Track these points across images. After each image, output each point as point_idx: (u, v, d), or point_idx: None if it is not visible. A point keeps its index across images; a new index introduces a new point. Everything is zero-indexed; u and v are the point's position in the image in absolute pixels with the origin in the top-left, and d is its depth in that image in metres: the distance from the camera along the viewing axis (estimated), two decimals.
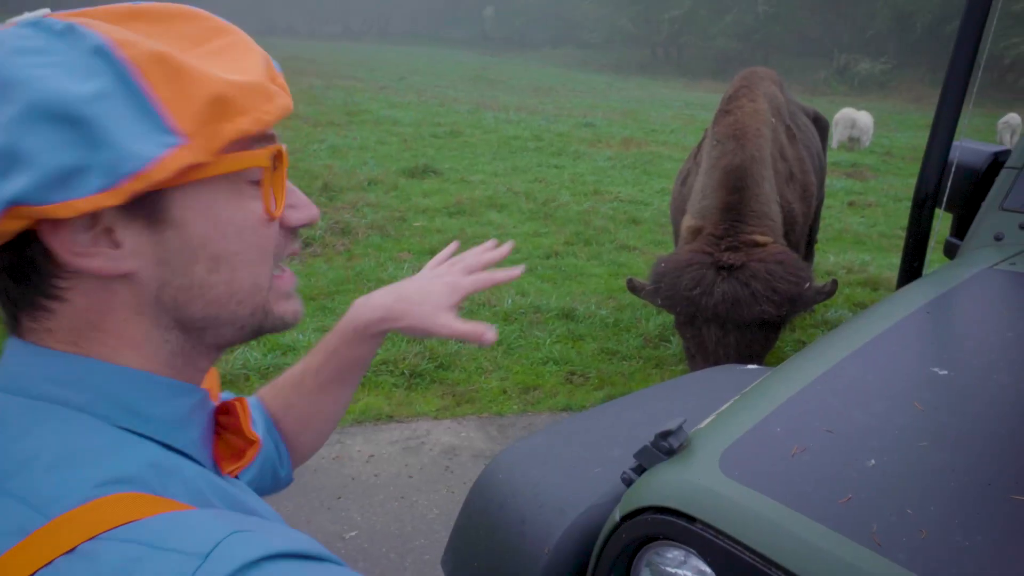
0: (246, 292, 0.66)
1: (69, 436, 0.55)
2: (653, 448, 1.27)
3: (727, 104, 4.01)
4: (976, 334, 1.52)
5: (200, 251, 0.61)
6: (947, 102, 2.17)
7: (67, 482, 0.51)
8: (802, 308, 3.29)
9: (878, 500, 1.05)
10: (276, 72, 0.67)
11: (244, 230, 0.64)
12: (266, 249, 0.66)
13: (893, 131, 18.46)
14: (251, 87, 0.62)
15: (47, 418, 0.56)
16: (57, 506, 0.49)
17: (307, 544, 0.53)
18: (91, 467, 0.53)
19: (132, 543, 0.47)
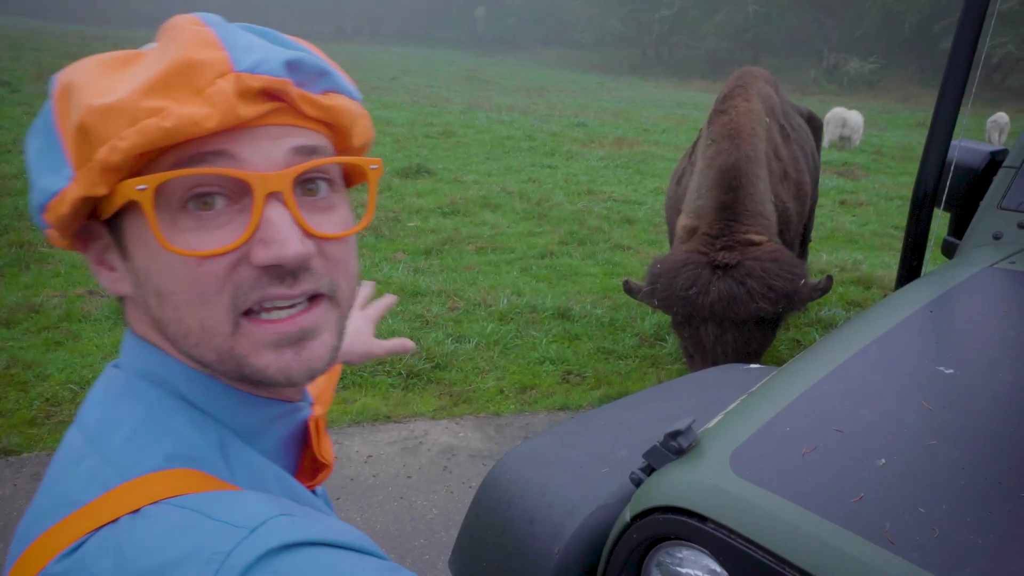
0: (196, 335, 0.61)
1: (153, 411, 0.61)
2: (662, 448, 1.27)
3: (722, 104, 4.02)
4: (979, 333, 1.53)
5: (147, 284, 0.61)
6: (945, 102, 2.18)
7: (143, 451, 0.58)
8: (798, 305, 3.31)
9: (890, 499, 1.05)
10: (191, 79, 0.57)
11: (175, 266, 0.58)
12: (206, 290, 0.59)
13: (883, 130, 18.57)
14: (108, 111, 0.56)
15: (140, 393, 0.63)
16: (132, 470, 0.56)
17: (352, 537, 0.56)
18: (165, 441, 0.59)
19: (188, 510, 0.53)
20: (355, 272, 0.68)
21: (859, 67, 35.69)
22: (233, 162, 0.59)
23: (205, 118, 0.56)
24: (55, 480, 0.59)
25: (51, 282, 5.38)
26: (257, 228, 0.59)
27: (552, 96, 23.75)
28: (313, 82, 0.63)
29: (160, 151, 0.58)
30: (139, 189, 0.56)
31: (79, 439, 0.61)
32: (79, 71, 0.60)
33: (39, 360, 4.26)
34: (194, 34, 0.58)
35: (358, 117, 0.68)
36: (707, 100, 25.71)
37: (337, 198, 0.66)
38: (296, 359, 0.62)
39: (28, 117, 11.03)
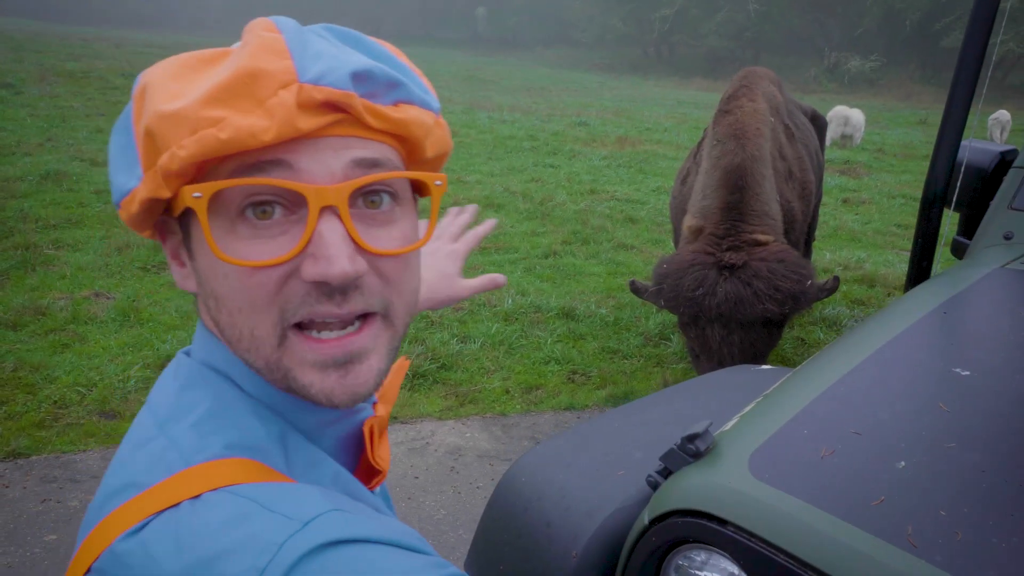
0: (247, 341, 0.61)
1: (220, 401, 0.63)
2: (680, 451, 1.28)
3: (727, 104, 4.02)
4: (994, 334, 1.53)
5: (206, 286, 0.62)
6: (955, 102, 2.18)
7: (207, 438, 0.59)
8: (804, 305, 3.30)
9: (911, 502, 1.05)
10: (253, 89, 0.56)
11: (228, 273, 0.59)
12: (256, 299, 0.59)
13: (884, 128, 18.56)
14: (171, 118, 0.56)
15: (208, 383, 0.64)
16: (195, 456, 0.58)
17: (403, 535, 0.57)
18: (229, 430, 0.60)
19: (245, 499, 0.54)
20: (412, 291, 0.66)
21: (860, 65, 35.66)
22: (291, 172, 0.58)
23: (262, 131, 0.55)
24: (124, 460, 0.61)
25: (57, 284, 5.39)
26: (309, 242, 0.58)
27: (553, 95, 23.74)
28: (383, 93, 0.61)
29: (218, 162, 0.58)
30: (194, 197, 0.57)
31: (149, 422, 0.62)
32: (158, 72, 0.60)
33: (46, 362, 4.27)
34: (263, 41, 0.57)
35: (432, 128, 0.67)
36: (708, 99, 25.69)
37: (400, 211, 0.64)
38: (340, 383, 0.61)
39: (32, 119, 11.03)
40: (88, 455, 3.52)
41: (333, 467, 0.66)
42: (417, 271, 0.67)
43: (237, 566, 0.50)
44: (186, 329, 4.80)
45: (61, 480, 3.32)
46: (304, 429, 0.66)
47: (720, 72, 39.17)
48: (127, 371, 4.23)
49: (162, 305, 5.19)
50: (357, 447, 0.71)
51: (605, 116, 17.38)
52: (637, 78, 38.16)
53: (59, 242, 6.29)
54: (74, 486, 3.28)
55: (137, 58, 22.25)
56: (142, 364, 4.31)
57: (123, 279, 5.65)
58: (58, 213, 6.99)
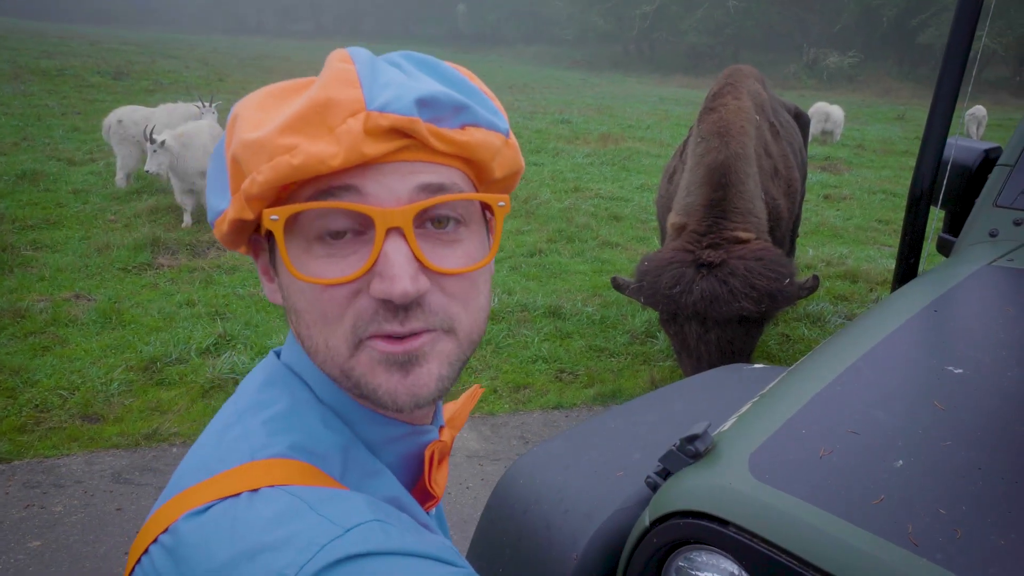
0: (323, 353, 0.65)
1: (295, 403, 0.68)
2: (679, 452, 1.28)
3: (712, 101, 4.04)
4: (984, 332, 1.54)
5: (288, 301, 0.67)
6: (941, 100, 2.20)
7: (274, 436, 0.64)
8: (784, 304, 3.32)
9: (910, 500, 1.06)
10: (324, 117, 0.60)
11: (303, 289, 0.63)
12: (329, 313, 0.63)
13: (863, 124, 18.74)
14: (252, 146, 0.61)
15: (289, 384, 0.70)
16: (261, 452, 0.63)
17: (438, 549, 0.60)
18: (295, 432, 0.65)
19: (298, 498, 0.58)
20: (479, 308, 0.68)
21: (838, 61, 35.99)
22: (359, 196, 0.61)
23: (331, 156, 0.59)
24: (204, 444, 0.67)
25: (36, 286, 5.31)
26: (376, 262, 0.61)
27: (535, 93, 23.74)
28: (449, 117, 0.64)
29: (300, 184, 0.62)
30: (272, 219, 0.61)
31: (231, 410, 0.69)
32: (248, 102, 0.65)
33: (26, 366, 4.21)
34: (337, 72, 0.61)
35: (500, 149, 0.69)
36: (689, 96, 25.80)
37: (467, 232, 0.67)
38: (402, 383, 0.64)
39: (5, 118, 10.86)
40: (71, 459, 3.47)
41: (391, 482, 0.69)
42: (484, 290, 0.70)
43: (279, 561, 0.54)
44: (169, 331, 4.74)
45: (44, 485, 3.27)
46: (369, 442, 0.70)
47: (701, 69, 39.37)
48: (110, 374, 4.18)
49: (144, 307, 5.13)
50: (417, 469, 0.74)
51: (587, 114, 17.41)
52: (618, 75, 38.25)
53: (37, 243, 6.20)
54: (58, 491, 3.24)
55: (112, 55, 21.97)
56: (125, 367, 4.26)
57: (104, 280, 5.58)
58: (35, 213, 6.88)
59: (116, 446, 3.58)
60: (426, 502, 0.74)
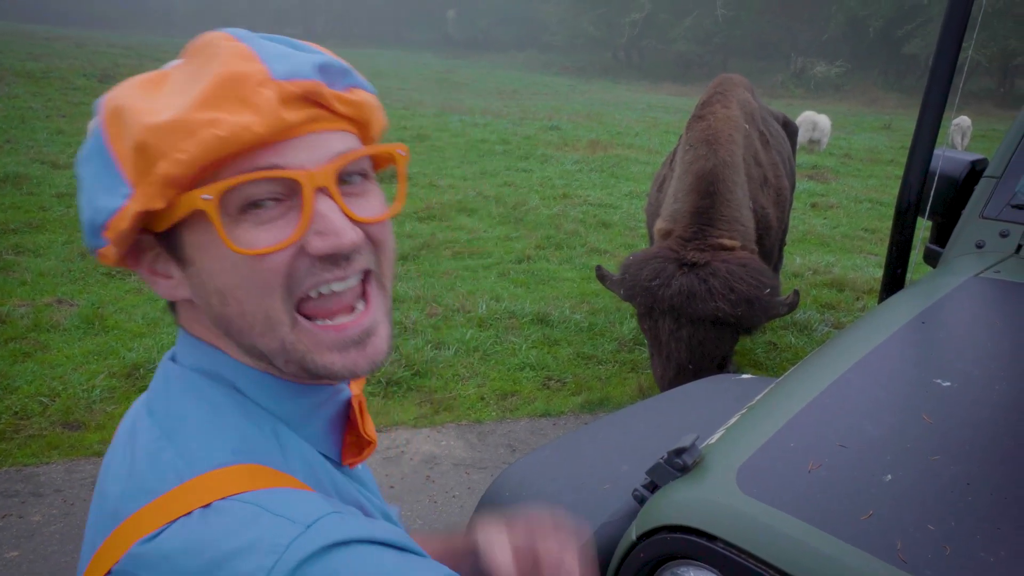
0: (262, 324, 0.66)
1: (215, 407, 0.68)
2: (667, 465, 1.26)
3: (701, 110, 4.04)
4: (972, 344, 1.54)
5: (209, 285, 0.67)
6: (928, 112, 2.21)
7: (210, 445, 0.64)
8: (760, 314, 3.30)
9: (899, 516, 1.05)
10: (237, 90, 0.62)
11: (237, 263, 0.64)
12: (267, 282, 0.65)
13: (850, 133, 18.88)
14: (166, 128, 0.61)
15: (201, 389, 0.69)
16: (202, 464, 0.62)
17: (393, 535, 0.63)
18: (229, 436, 0.66)
19: (253, 505, 0.59)
20: (393, 249, 0.75)
21: (825, 71, 36.27)
22: (282, 169, 0.65)
23: (255, 124, 0.61)
24: (135, 468, 0.65)
25: (17, 291, 5.24)
26: (311, 221, 0.64)
27: (525, 99, 23.78)
28: (339, 82, 0.69)
29: (215, 167, 0.63)
30: (204, 199, 0.62)
31: (155, 431, 0.67)
32: (124, 95, 0.65)
33: (6, 372, 4.14)
34: (232, 49, 0.64)
35: (376, 108, 0.74)
36: (678, 103, 25.92)
37: (370, 185, 0.72)
38: (361, 355, 0.69)
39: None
40: (51, 468, 3.42)
41: (319, 459, 0.72)
42: (392, 233, 0.75)
43: (247, 566, 0.55)
44: (153, 336, 4.69)
45: (23, 494, 3.22)
46: (296, 417, 0.72)
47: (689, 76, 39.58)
48: (92, 380, 4.12)
49: (128, 312, 5.07)
50: (341, 426, 0.78)
51: (577, 120, 17.45)
52: (608, 82, 38.39)
53: (19, 247, 6.12)
54: (36, 500, 3.18)
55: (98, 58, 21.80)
56: (107, 373, 4.20)
57: (87, 285, 5.51)
58: (18, 217, 6.80)
59: (97, 454, 3.53)
60: (362, 451, 0.78)
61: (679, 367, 3.37)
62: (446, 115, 16.39)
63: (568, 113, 19.23)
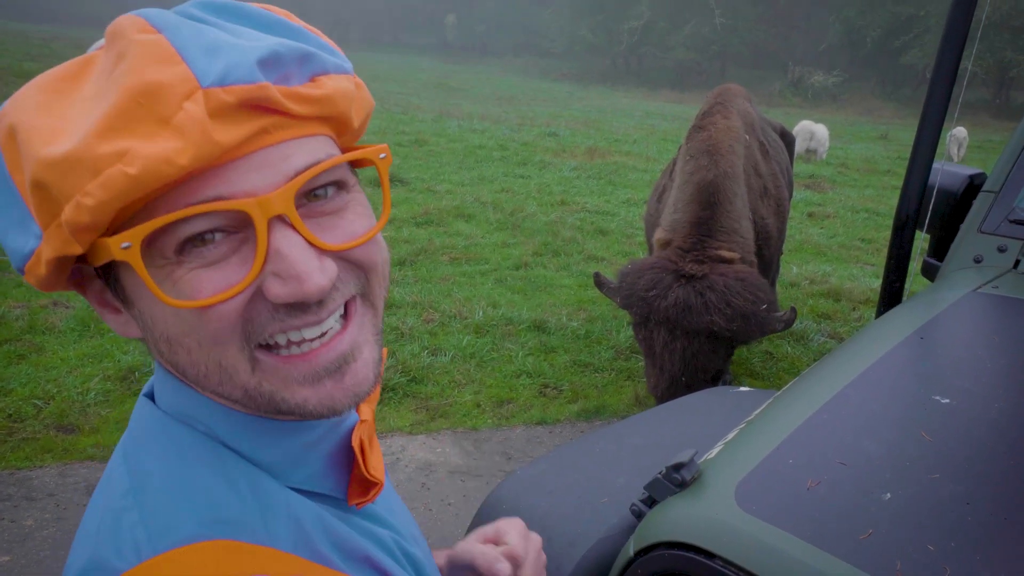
0: (216, 375, 0.55)
1: (185, 460, 0.57)
2: (665, 480, 1.26)
3: (701, 120, 4.05)
4: (970, 360, 1.54)
5: (154, 330, 0.55)
6: (927, 125, 2.21)
7: (176, 512, 0.54)
8: (756, 329, 3.30)
9: (898, 535, 1.05)
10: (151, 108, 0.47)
11: (180, 312, 0.52)
12: (217, 333, 0.53)
13: (847, 143, 18.94)
14: (63, 165, 0.47)
15: (172, 436, 0.58)
16: (164, 539, 0.52)
17: None
18: (198, 500, 0.55)
19: None
20: (384, 263, 0.61)
21: (823, 80, 36.42)
22: (227, 201, 0.51)
23: (177, 153, 0.47)
24: (101, 531, 0.55)
25: (13, 292, 5.22)
26: (266, 260, 0.52)
27: (523, 105, 23.82)
28: (296, 73, 0.54)
29: (142, 203, 0.50)
30: (123, 248, 0.49)
31: (126, 482, 0.57)
32: (20, 108, 0.51)
33: (1, 374, 4.12)
34: (145, 47, 0.48)
35: (354, 93, 0.59)
36: (676, 111, 25.98)
37: (348, 196, 0.58)
38: (339, 387, 0.56)
39: None
40: (45, 471, 3.40)
41: (313, 511, 0.60)
42: (383, 247, 0.62)
43: None
44: None
45: (16, 498, 3.20)
46: (286, 460, 0.61)
47: (687, 84, 39.71)
48: (87, 383, 4.10)
49: None
50: (348, 460, 0.66)
51: (575, 127, 17.48)
52: (606, 88, 38.48)
53: None
54: (29, 504, 3.16)
55: None
56: (102, 376, 4.18)
57: None
58: None
59: (91, 458, 3.51)
60: (369, 491, 0.66)
61: (672, 379, 3.37)
62: (444, 120, 16.41)
63: (566, 119, 19.27)
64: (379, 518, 0.69)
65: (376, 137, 13.05)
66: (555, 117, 19.73)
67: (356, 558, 0.61)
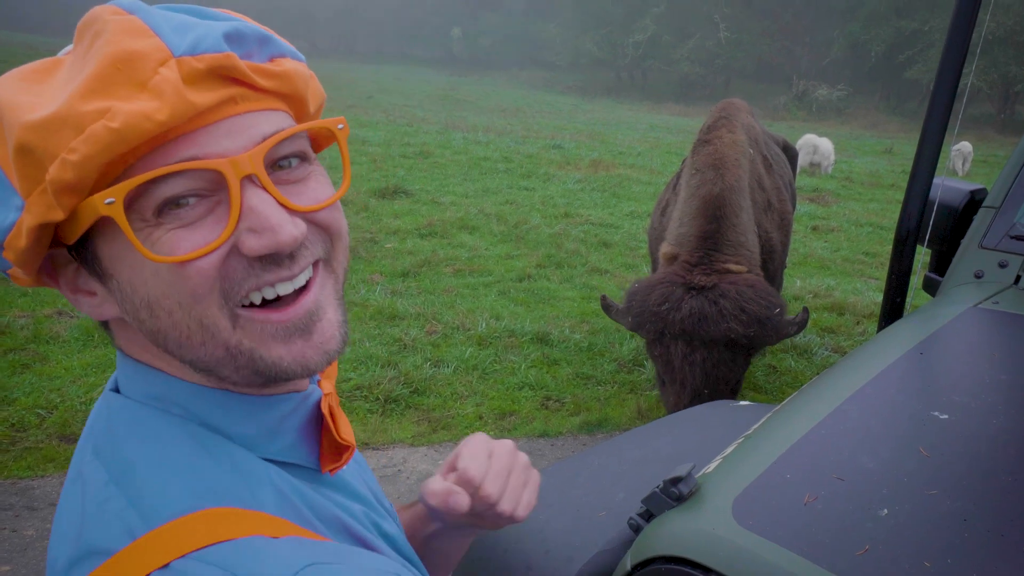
0: (199, 334, 0.58)
1: (166, 443, 0.59)
2: (662, 494, 1.26)
3: (706, 134, 4.05)
4: (970, 376, 1.54)
5: (134, 297, 0.59)
6: (928, 140, 2.22)
7: (165, 491, 0.56)
8: (772, 334, 3.29)
9: (895, 552, 1.05)
10: (130, 73, 0.52)
11: (159, 272, 0.56)
12: (196, 290, 0.56)
13: (851, 157, 18.95)
14: (48, 124, 0.51)
15: (148, 423, 0.61)
16: (157, 516, 0.54)
17: (375, 565, 0.56)
18: (185, 477, 0.57)
19: (217, 567, 0.51)
20: (345, 233, 0.67)
21: (827, 94, 36.50)
22: (201, 160, 0.56)
23: (155, 111, 0.52)
24: (85, 523, 0.57)
25: (18, 302, 5.25)
26: (240, 217, 0.56)
27: (528, 117, 23.91)
28: (258, 51, 0.60)
29: (122, 166, 0.54)
30: (107, 203, 0.53)
31: (103, 475, 0.58)
32: (1, 89, 0.55)
33: (4, 383, 4.14)
34: (120, 24, 0.54)
35: (309, 79, 0.66)
36: (680, 124, 26.04)
37: (311, 167, 0.64)
38: (308, 345, 0.61)
39: None
40: (47, 481, 3.40)
41: (288, 482, 0.63)
42: (343, 216, 0.67)
43: None
44: None
45: (17, 507, 3.21)
46: (262, 433, 0.64)
47: (692, 98, 39.81)
48: (90, 393, 4.12)
49: None
50: (316, 431, 0.70)
51: (579, 139, 17.53)
52: (610, 101, 38.61)
53: None
54: (30, 514, 3.17)
55: None
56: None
57: None
58: None
59: None
60: (341, 456, 0.70)
61: (694, 392, 3.30)
62: (449, 132, 16.48)
63: (571, 132, 19.33)
64: (352, 491, 0.72)
65: (381, 149, 13.10)
66: (560, 130, 19.80)
67: (334, 526, 0.65)
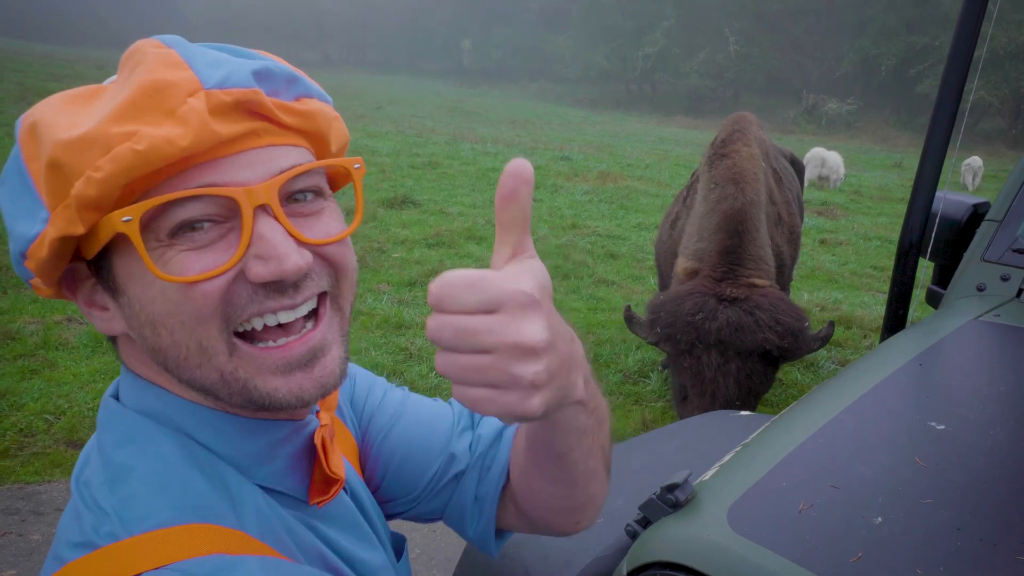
0: (197, 356, 0.60)
1: (159, 454, 0.62)
2: (659, 501, 1.27)
3: (723, 148, 3.99)
4: (968, 388, 1.55)
5: (141, 314, 0.61)
6: (930, 153, 2.23)
7: (153, 499, 0.58)
8: (803, 347, 3.27)
9: (888, 560, 1.05)
10: (160, 101, 0.55)
11: (167, 291, 0.58)
12: (200, 311, 0.58)
13: (861, 170, 18.91)
14: (79, 143, 0.54)
15: (145, 433, 0.63)
16: (140, 523, 0.57)
17: None
18: (173, 490, 0.59)
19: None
20: (354, 270, 0.68)
21: (837, 108, 36.47)
22: (217, 188, 0.59)
23: (179, 137, 0.55)
24: (80, 512, 0.60)
25: (28, 308, 5.30)
26: (250, 244, 0.59)
27: (536, 129, 23.99)
28: (285, 90, 0.63)
29: (143, 188, 0.57)
30: (124, 221, 0.56)
31: (101, 475, 0.62)
32: (44, 109, 0.60)
33: (13, 389, 4.18)
34: (158, 56, 0.57)
35: (333, 120, 0.68)
36: (689, 136, 26.07)
37: (324, 203, 0.66)
38: (308, 378, 0.62)
39: (9, 139, 10.92)
40: (53, 486, 3.43)
41: (276, 511, 0.65)
42: (353, 255, 0.69)
43: None
44: None
45: (24, 512, 3.23)
46: (252, 457, 0.66)
47: (701, 111, 39.88)
48: (98, 399, 4.13)
49: None
50: (308, 462, 0.71)
51: (587, 151, 17.57)
52: (619, 114, 38.71)
53: None
54: (37, 519, 3.19)
55: None
56: None
57: None
58: None
59: None
60: (330, 490, 0.71)
61: (726, 403, 3.23)
62: (458, 143, 16.55)
63: (579, 144, 19.38)
64: (341, 522, 0.73)
65: (390, 160, 13.17)
66: (568, 141, 19.86)
67: (312, 555, 0.67)
